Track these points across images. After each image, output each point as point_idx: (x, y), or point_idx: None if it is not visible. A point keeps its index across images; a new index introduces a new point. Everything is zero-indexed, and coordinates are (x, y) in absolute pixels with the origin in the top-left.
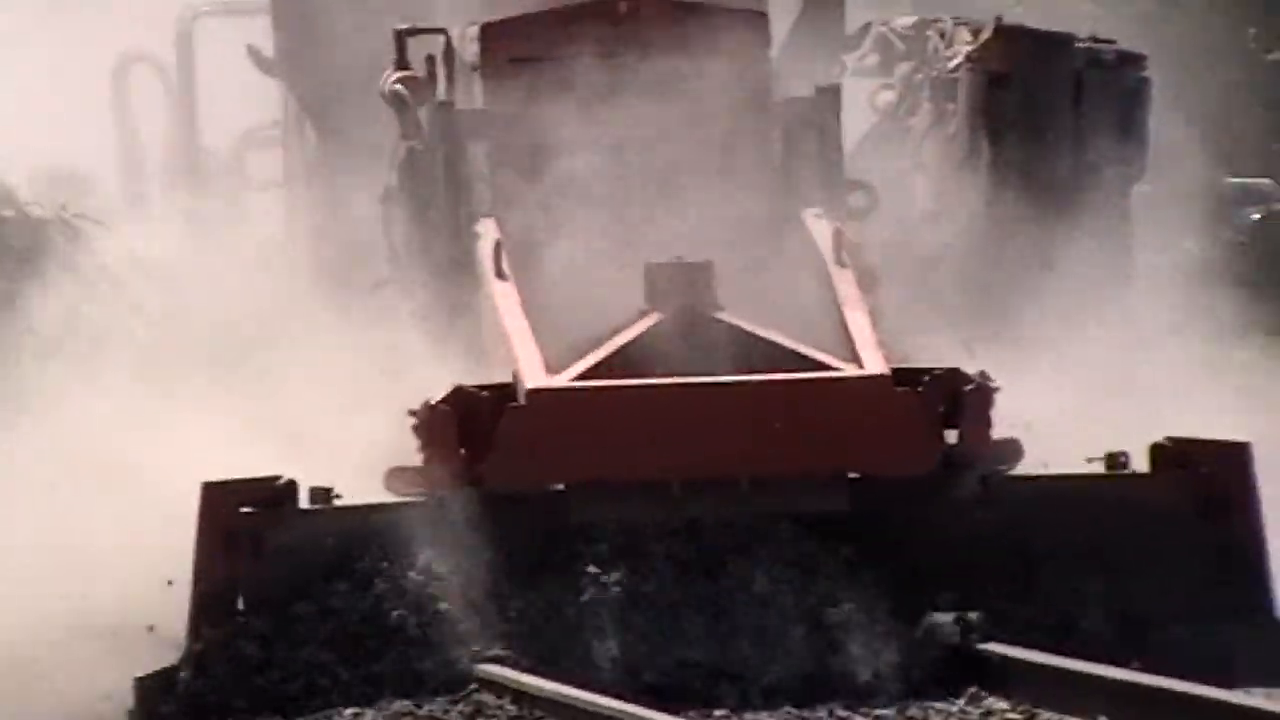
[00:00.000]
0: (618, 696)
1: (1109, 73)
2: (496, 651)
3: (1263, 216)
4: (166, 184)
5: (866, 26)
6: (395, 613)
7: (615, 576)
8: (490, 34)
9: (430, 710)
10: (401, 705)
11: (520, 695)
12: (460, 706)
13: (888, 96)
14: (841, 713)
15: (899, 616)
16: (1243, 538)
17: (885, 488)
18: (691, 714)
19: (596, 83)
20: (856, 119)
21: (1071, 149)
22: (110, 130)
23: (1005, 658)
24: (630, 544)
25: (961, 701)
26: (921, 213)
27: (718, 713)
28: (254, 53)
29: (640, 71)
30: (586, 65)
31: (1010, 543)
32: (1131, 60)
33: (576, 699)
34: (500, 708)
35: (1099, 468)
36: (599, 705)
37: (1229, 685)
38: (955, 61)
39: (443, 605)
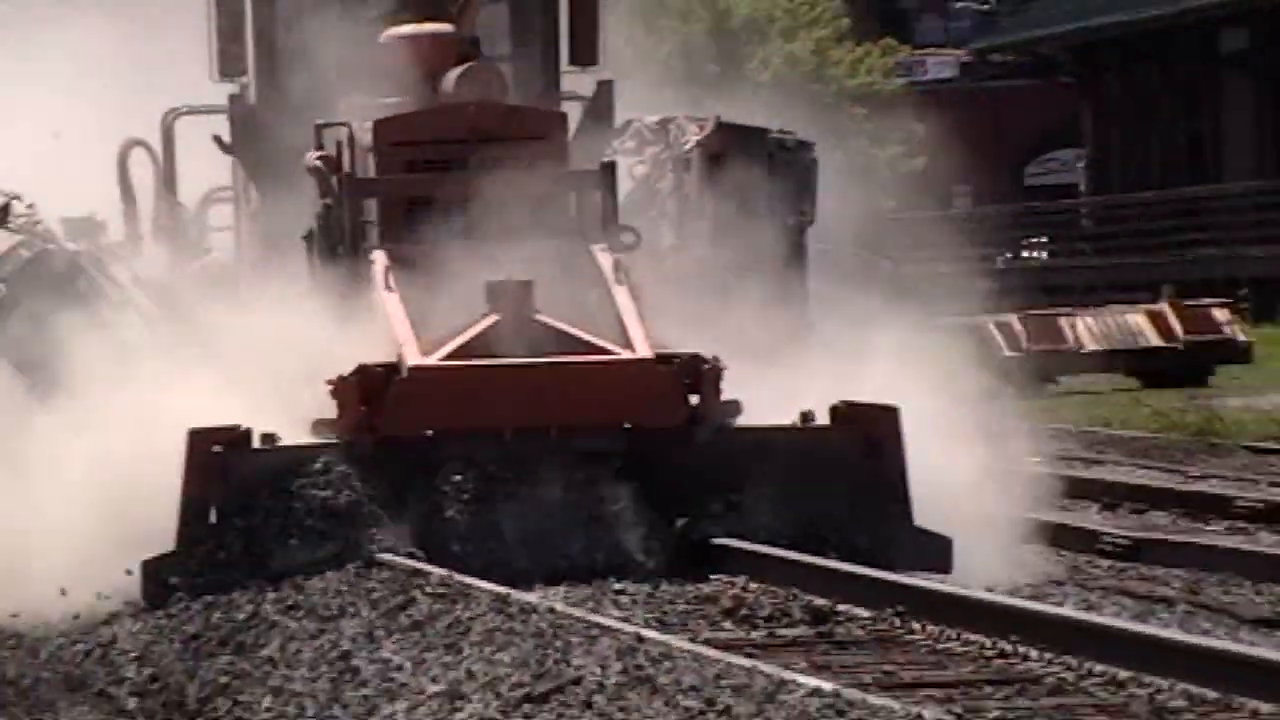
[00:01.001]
0: (465, 572)
1: (790, 153)
2: (388, 543)
3: None
4: (155, 228)
5: (627, 123)
6: (314, 519)
7: (465, 494)
8: (380, 127)
9: (339, 584)
10: (317, 580)
11: (405, 571)
12: (361, 582)
13: (642, 169)
14: (617, 586)
15: (657, 520)
16: (892, 472)
17: (649, 434)
18: (520, 587)
19: (452, 159)
20: (622, 185)
21: (766, 204)
22: (115, 191)
23: (730, 548)
24: (476, 473)
25: (708, 583)
26: (667, 247)
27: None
28: (217, 139)
29: (482, 151)
30: (445, 147)
31: (734, 472)
32: (805, 145)
33: (442, 575)
34: (388, 581)
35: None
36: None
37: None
38: (688, 146)
39: (349, 514)
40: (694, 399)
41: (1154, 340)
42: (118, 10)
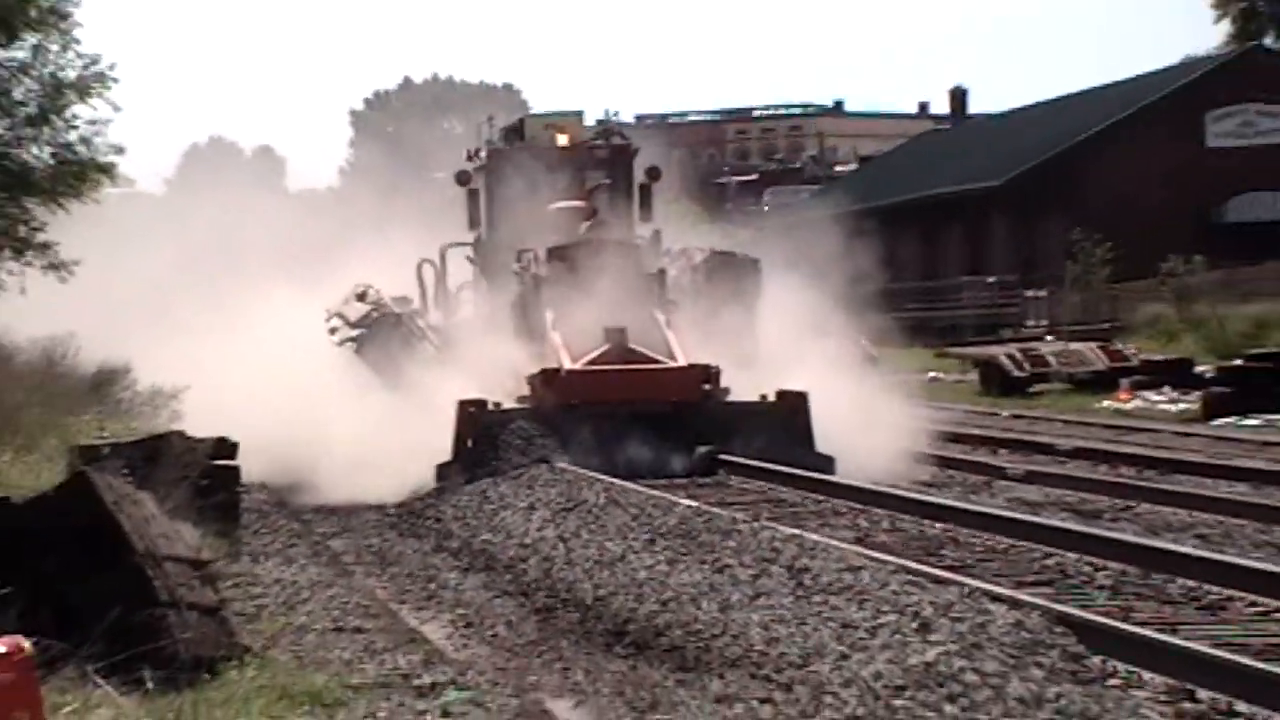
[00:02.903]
0: (602, 472)
1: (749, 264)
2: (554, 457)
3: None
4: (435, 302)
5: (668, 250)
6: (519, 443)
7: (592, 433)
8: (550, 252)
9: (532, 474)
10: (518, 472)
11: (562, 469)
12: (544, 474)
13: (674, 272)
14: (674, 482)
15: (690, 449)
16: (804, 425)
17: (683, 405)
18: (627, 483)
19: (586, 267)
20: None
21: (735, 290)
22: (415, 284)
23: (733, 461)
24: (601, 423)
25: (715, 481)
26: (688, 311)
27: (637, 483)
28: (468, 258)
29: (603, 264)
30: (583, 263)
31: (727, 424)
32: (755, 260)
33: (587, 474)
34: (554, 478)
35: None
36: (597, 476)
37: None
38: (696, 260)
39: (536, 439)
40: (706, 387)
41: None
42: (421, 199)
